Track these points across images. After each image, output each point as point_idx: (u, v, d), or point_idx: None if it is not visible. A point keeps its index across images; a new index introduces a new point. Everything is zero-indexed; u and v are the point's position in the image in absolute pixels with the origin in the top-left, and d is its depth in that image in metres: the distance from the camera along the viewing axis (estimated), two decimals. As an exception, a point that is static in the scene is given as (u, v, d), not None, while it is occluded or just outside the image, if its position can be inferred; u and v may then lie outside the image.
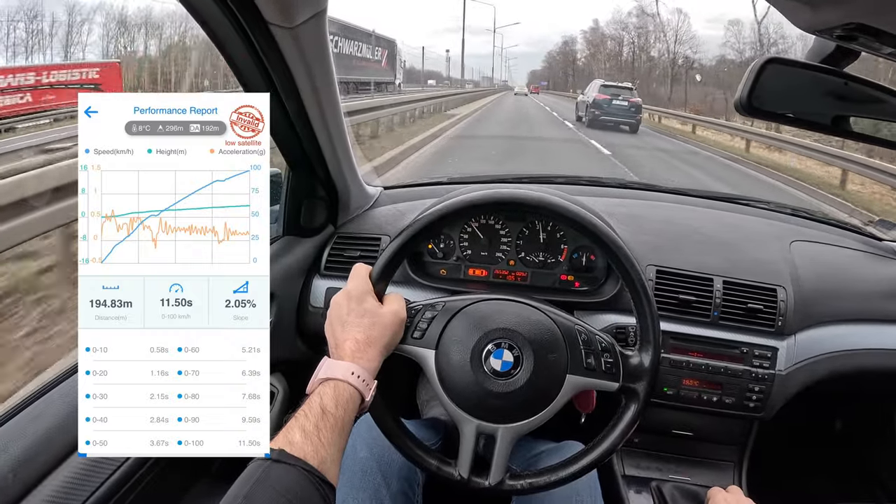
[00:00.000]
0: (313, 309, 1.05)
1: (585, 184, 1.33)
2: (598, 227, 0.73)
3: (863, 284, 1.05)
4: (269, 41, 0.73)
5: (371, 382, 0.61)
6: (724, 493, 0.78)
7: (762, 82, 0.59)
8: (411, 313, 0.72)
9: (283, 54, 0.75)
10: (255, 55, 0.74)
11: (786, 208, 1.27)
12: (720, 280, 0.98)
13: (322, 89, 0.85)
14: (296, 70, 0.79)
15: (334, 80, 0.87)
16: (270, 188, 0.51)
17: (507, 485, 0.70)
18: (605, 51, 50.50)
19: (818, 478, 1.33)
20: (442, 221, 0.74)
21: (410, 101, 11.84)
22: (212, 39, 0.73)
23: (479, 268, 1.06)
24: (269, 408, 0.74)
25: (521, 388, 0.69)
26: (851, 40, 0.49)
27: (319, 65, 0.81)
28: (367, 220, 1.13)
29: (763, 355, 0.95)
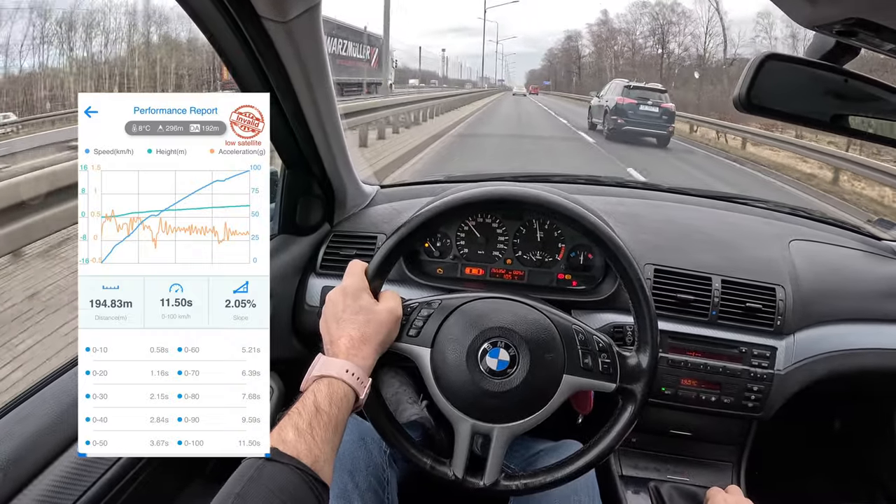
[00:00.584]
0: (309, 308, 1.05)
1: (584, 182, 1.33)
2: (596, 225, 0.72)
3: (862, 284, 1.05)
4: (263, 36, 0.72)
5: (366, 380, 0.61)
6: (723, 493, 0.78)
7: (761, 79, 0.59)
8: (407, 311, 0.71)
9: (277, 50, 0.75)
10: (250, 51, 0.74)
11: (785, 207, 1.27)
12: (719, 279, 0.98)
13: (317, 86, 0.85)
14: (290, 66, 0.78)
15: (329, 76, 0.86)
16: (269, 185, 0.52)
17: (503, 485, 0.70)
18: (616, 46, 48.04)
19: (817, 478, 1.33)
20: (438, 219, 0.74)
21: (386, 107, 9.55)
22: (206, 36, 0.72)
23: (476, 266, 1.05)
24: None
25: (516, 387, 0.68)
26: (851, 36, 0.48)
27: (314, 60, 0.80)
28: (363, 219, 1.13)
29: (762, 355, 0.95)
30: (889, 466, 1.24)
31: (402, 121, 10.41)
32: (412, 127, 10.95)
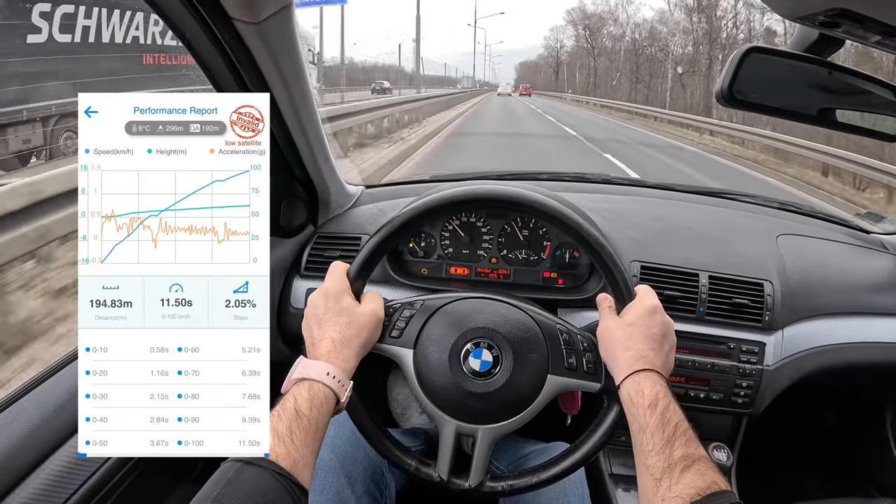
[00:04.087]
0: (294, 310, 1.04)
1: (569, 180, 1.32)
2: (578, 223, 0.72)
3: (850, 277, 1.06)
4: (236, 38, 0.72)
5: (347, 383, 0.61)
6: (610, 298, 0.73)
7: (744, 72, 0.59)
8: (389, 312, 0.71)
9: (251, 51, 0.74)
10: (224, 53, 0.74)
11: (773, 202, 1.27)
12: (706, 275, 0.98)
13: (294, 86, 0.84)
14: (265, 67, 0.78)
15: (306, 76, 0.86)
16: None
17: (488, 486, 0.69)
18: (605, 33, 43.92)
19: (808, 473, 1.34)
20: (421, 218, 0.73)
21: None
22: (179, 39, 0.72)
23: (461, 266, 1.05)
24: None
25: (500, 388, 0.68)
26: (835, 27, 0.48)
27: (289, 61, 0.80)
28: (347, 220, 1.12)
29: (750, 350, 0.95)
30: (880, 460, 1.25)
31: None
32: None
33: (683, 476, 0.54)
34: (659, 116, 19.20)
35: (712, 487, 0.52)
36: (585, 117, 22.17)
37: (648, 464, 0.57)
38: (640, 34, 39.68)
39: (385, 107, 10.12)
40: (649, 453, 0.57)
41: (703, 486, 0.53)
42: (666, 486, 0.54)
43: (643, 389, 0.61)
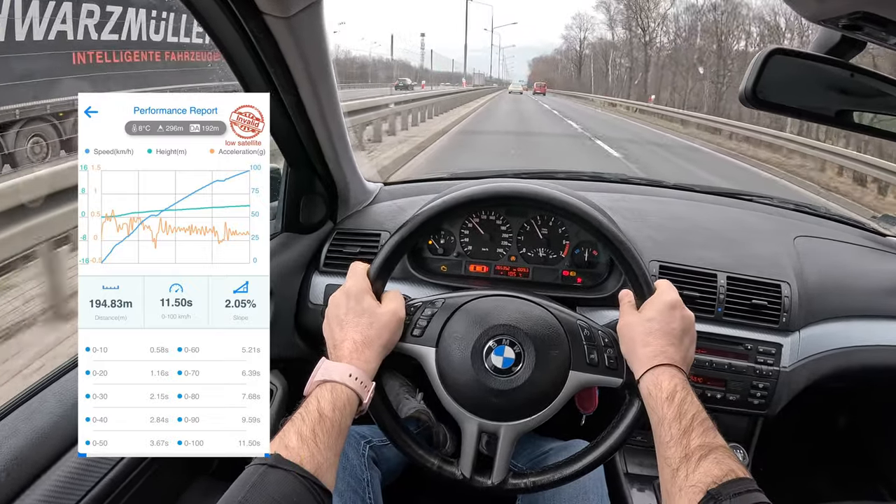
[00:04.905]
0: (312, 306, 1.05)
1: (587, 179, 1.32)
2: (600, 221, 0.72)
3: (867, 280, 1.05)
4: (265, 32, 0.71)
5: (369, 384, 0.61)
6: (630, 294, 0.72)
7: (767, 74, 0.59)
8: (410, 311, 0.71)
9: (279, 46, 0.74)
10: (252, 49, 0.74)
11: (789, 203, 1.27)
12: (724, 276, 0.97)
13: (320, 82, 0.84)
14: (292, 62, 0.78)
15: (332, 73, 0.86)
16: (269, 184, 0.51)
17: (511, 484, 0.69)
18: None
19: (822, 474, 1.33)
20: (441, 217, 0.73)
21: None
22: (208, 33, 0.72)
23: (481, 264, 1.05)
24: (269, 407, 0.74)
25: (522, 385, 0.68)
26: (857, 30, 0.48)
27: (316, 56, 0.80)
28: (366, 216, 1.12)
29: (767, 352, 0.94)
30: (893, 462, 1.23)
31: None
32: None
33: (700, 465, 0.53)
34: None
35: (729, 475, 0.52)
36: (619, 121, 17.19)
37: (667, 455, 0.56)
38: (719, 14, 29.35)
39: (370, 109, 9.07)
40: (667, 444, 0.57)
41: (719, 474, 0.52)
42: (683, 476, 0.53)
43: (661, 383, 0.61)
